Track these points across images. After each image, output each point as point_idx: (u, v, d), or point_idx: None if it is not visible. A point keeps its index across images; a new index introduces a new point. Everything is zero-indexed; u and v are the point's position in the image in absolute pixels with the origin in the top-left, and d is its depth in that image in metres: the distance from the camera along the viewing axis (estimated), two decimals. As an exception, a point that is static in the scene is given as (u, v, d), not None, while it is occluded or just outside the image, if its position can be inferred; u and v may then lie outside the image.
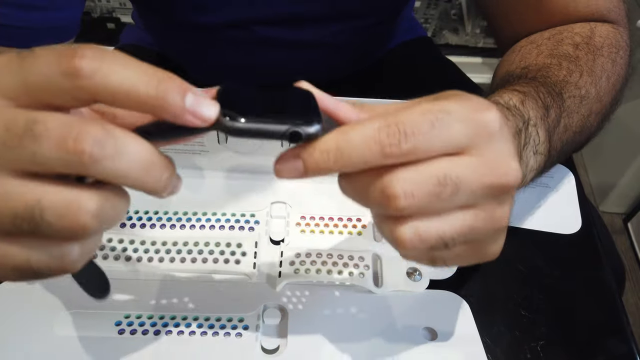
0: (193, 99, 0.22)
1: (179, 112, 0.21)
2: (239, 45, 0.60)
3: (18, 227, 0.21)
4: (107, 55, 0.21)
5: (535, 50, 0.46)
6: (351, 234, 0.42)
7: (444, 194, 0.24)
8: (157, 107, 0.21)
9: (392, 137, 0.23)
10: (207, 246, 0.40)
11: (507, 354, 0.37)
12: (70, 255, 0.23)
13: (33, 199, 0.21)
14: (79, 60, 0.20)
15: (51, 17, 0.47)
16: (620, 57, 0.46)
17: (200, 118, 0.22)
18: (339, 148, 0.23)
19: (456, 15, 1.63)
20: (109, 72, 0.20)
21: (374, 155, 0.23)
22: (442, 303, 0.39)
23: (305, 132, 0.23)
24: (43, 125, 0.20)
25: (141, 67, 0.21)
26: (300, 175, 0.24)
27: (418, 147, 0.23)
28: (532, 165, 0.35)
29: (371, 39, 0.66)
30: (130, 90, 0.21)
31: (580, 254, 0.44)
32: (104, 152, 0.20)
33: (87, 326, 0.36)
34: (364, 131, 0.23)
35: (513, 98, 0.36)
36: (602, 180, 1.42)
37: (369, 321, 0.37)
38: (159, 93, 0.21)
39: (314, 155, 0.23)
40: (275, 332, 0.37)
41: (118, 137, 0.21)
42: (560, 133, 0.39)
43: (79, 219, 0.21)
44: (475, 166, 0.24)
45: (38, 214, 0.21)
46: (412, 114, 0.23)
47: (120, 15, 1.50)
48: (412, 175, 0.24)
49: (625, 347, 0.38)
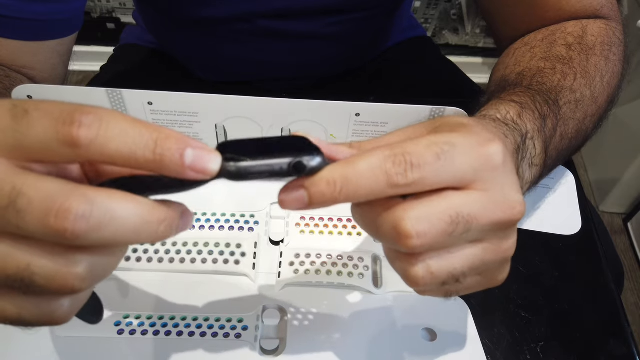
0: (193, 155, 0.21)
1: (180, 170, 0.21)
2: (240, 38, 0.60)
3: (10, 286, 0.21)
4: (105, 121, 0.20)
5: (529, 53, 0.46)
6: (351, 234, 0.42)
7: (456, 232, 0.24)
8: (157, 169, 0.21)
9: (398, 166, 0.23)
10: (206, 246, 0.40)
11: (507, 355, 0.37)
12: (61, 309, 0.23)
13: (23, 263, 0.21)
14: (77, 130, 0.20)
15: (55, 10, 0.47)
16: (613, 54, 0.46)
17: (203, 172, 0.21)
18: (345, 178, 0.23)
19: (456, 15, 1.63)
20: (106, 140, 0.20)
21: (380, 185, 0.23)
22: (442, 304, 0.39)
23: (309, 163, 0.23)
24: (26, 198, 0.20)
25: (139, 129, 0.21)
26: (305, 207, 0.24)
27: (425, 178, 0.23)
28: (527, 178, 0.36)
29: (372, 32, 0.66)
30: (128, 156, 0.21)
31: (580, 255, 0.44)
32: (88, 225, 0.20)
33: (87, 326, 0.35)
34: (370, 161, 0.23)
35: (510, 111, 0.36)
36: (602, 180, 1.42)
37: (369, 322, 0.37)
38: (156, 156, 0.21)
39: (320, 186, 0.23)
40: (275, 333, 0.37)
41: (104, 206, 0.20)
42: (557, 142, 0.40)
43: (67, 283, 0.21)
44: (484, 203, 0.24)
45: (28, 278, 0.21)
46: (418, 145, 0.23)
47: (120, 15, 1.50)
48: (425, 213, 0.24)
49: (625, 348, 0.38)
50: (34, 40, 0.47)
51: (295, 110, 0.42)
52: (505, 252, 0.27)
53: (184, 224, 0.24)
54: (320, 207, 0.24)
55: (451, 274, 0.26)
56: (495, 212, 0.25)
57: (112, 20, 1.51)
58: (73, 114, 0.20)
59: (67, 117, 0.20)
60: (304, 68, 0.66)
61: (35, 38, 0.47)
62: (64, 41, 0.50)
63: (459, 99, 0.44)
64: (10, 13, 0.44)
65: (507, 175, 0.25)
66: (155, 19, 0.66)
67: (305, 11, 0.57)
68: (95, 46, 1.51)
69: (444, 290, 0.27)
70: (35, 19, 0.46)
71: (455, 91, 0.69)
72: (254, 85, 0.68)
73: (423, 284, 0.25)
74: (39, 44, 0.48)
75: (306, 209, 0.24)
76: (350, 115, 0.42)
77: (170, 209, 0.23)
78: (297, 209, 0.24)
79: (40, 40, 0.47)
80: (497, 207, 0.25)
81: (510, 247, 0.27)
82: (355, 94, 0.42)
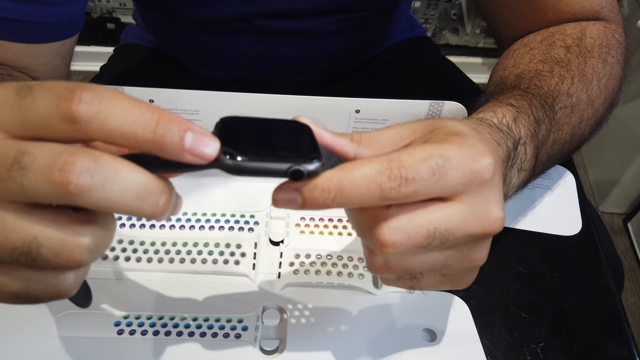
0: (192, 138, 0.21)
1: (179, 152, 0.21)
2: (239, 37, 0.60)
3: (16, 260, 0.21)
4: (105, 98, 0.20)
5: (528, 54, 0.46)
6: (351, 235, 0.42)
7: (431, 245, 0.25)
8: (156, 149, 0.21)
9: (392, 181, 0.23)
10: (206, 247, 0.40)
11: (507, 356, 0.37)
12: (66, 282, 0.23)
13: (30, 235, 0.21)
14: (76, 106, 0.20)
15: (56, 13, 0.47)
16: (611, 57, 0.46)
17: (200, 156, 0.22)
18: (340, 187, 0.23)
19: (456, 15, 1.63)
20: (106, 116, 0.20)
21: (372, 197, 0.24)
22: (442, 304, 0.39)
23: (306, 170, 0.23)
24: (31, 156, 0.20)
25: (140, 109, 0.21)
26: (297, 208, 0.24)
27: (416, 192, 0.24)
28: (514, 182, 0.36)
29: (370, 33, 0.66)
30: (129, 134, 0.21)
31: (581, 256, 0.44)
32: (92, 181, 0.20)
33: (86, 327, 0.35)
34: (366, 172, 0.23)
35: (507, 115, 0.36)
36: (602, 181, 1.42)
37: (368, 322, 0.37)
38: (156, 136, 0.21)
39: (314, 192, 0.23)
40: (275, 333, 0.37)
41: (108, 164, 0.21)
42: (548, 148, 0.40)
43: (75, 255, 0.22)
44: (464, 216, 0.25)
45: (35, 250, 0.21)
46: (414, 158, 0.24)
47: (120, 15, 1.50)
48: (403, 225, 0.24)
49: (625, 349, 0.38)
50: (35, 43, 0.47)
51: (295, 106, 0.42)
52: (473, 262, 0.27)
53: (177, 204, 0.24)
54: (312, 210, 0.24)
55: (407, 271, 0.27)
56: (473, 226, 0.25)
57: (112, 20, 1.51)
58: (74, 90, 0.20)
59: (68, 94, 0.20)
60: (304, 67, 0.66)
61: (37, 40, 0.47)
62: (66, 43, 0.50)
63: (459, 99, 0.44)
64: (12, 16, 0.44)
65: (493, 190, 0.26)
66: (154, 19, 0.66)
67: (304, 12, 0.58)
68: (95, 46, 1.51)
69: (402, 282, 0.28)
70: (37, 22, 0.46)
71: (455, 91, 0.69)
72: (254, 84, 0.68)
73: (379, 272, 0.27)
74: (40, 46, 0.48)
75: (297, 210, 0.24)
76: (350, 112, 0.42)
77: (166, 184, 0.23)
78: (290, 209, 0.24)
79: (42, 43, 0.47)
80: (477, 221, 0.25)
81: (480, 258, 0.28)
82: (355, 94, 0.42)
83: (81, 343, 0.35)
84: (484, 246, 0.27)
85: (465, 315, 0.38)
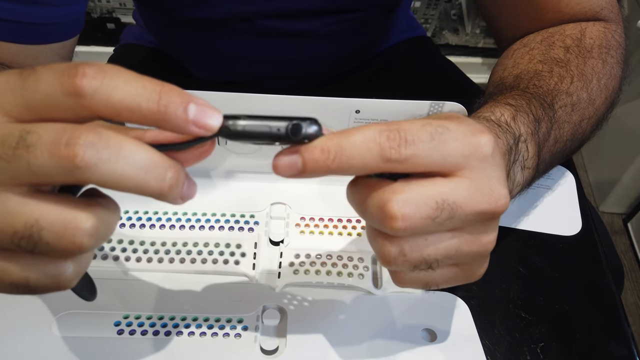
0: (196, 110, 0.22)
1: (183, 123, 0.21)
2: (239, 38, 0.61)
3: (17, 245, 0.21)
4: (108, 73, 0.21)
5: (528, 55, 0.46)
6: (351, 235, 0.42)
7: (439, 218, 0.25)
8: (160, 121, 0.21)
9: (392, 141, 0.23)
10: (206, 247, 0.40)
11: (507, 356, 0.37)
12: (66, 273, 0.23)
13: (32, 218, 0.21)
14: (80, 80, 0.20)
15: (57, 14, 0.47)
16: (611, 57, 0.46)
17: (204, 127, 0.22)
18: (339, 146, 0.23)
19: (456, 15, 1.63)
20: (110, 89, 0.21)
21: (373, 157, 0.23)
22: (442, 304, 0.39)
23: (306, 129, 0.23)
24: (36, 134, 0.20)
25: (142, 82, 0.21)
26: (298, 173, 0.24)
27: (417, 155, 0.24)
28: (519, 180, 0.36)
29: (370, 33, 0.66)
30: (133, 107, 0.21)
31: (581, 256, 0.44)
32: (98, 154, 0.20)
33: (86, 327, 0.36)
34: (365, 133, 0.24)
35: (505, 113, 0.36)
36: (602, 181, 1.42)
37: (368, 322, 0.37)
38: (160, 107, 0.21)
39: (314, 153, 0.23)
40: (275, 333, 0.37)
41: (113, 139, 0.21)
42: (550, 146, 0.40)
43: (76, 239, 0.22)
44: (470, 191, 0.25)
45: (36, 233, 0.21)
46: (413, 124, 0.24)
47: (120, 15, 1.50)
48: (412, 196, 0.24)
49: (625, 349, 0.38)
50: (36, 44, 0.47)
51: (295, 107, 0.42)
52: (483, 245, 0.27)
53: (190, 187, 0.24)
54: (313, 175, 0.24)
55: (424, 259, 0.26)
56: (480, 202, 0.25)
57: (112, 20, 1.51)
58: (77, 66, 0.20)
59: (71, 70, 0.20)
60: (304, 67, 0.66)
61: (36, 41, 0.47)
62: (66, 43, 0.50)
63: (459, 99, 0.44)
64: (12, 17, 0.44)
65: (495, 167, 0.26)
66: (154, 19, 0.66)
67: (304, 11, 0.58)
68: (95, 46, 1.51)
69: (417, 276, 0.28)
70: (37, 23, 0.46)
71: (455, 91, 0.69)
72: (253, 84, 0.68)
73: (394, 264, 0.26)
74: (41, 47, 0.48)
75: (299, 176, 0.24)
76: (350, 112, 0.42)
77: (173, 161, 0.23)
78: (290, 175, 0.24)
79: (41, 44, 0.47)
80: (482, 197, 0.25)
81: (489, 241, 0.27)
82: (355, 94, 0.42)
83: (81, 343, 0.35)
84: (491, 227, 0.27)
85: (466, 315, 0.38)
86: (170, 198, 0.23)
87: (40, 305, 0.36)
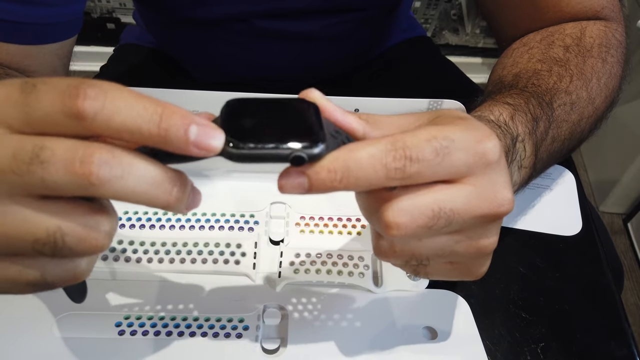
0: (197, 131, 0.21)
1: (184, 145, 0.21)
2: (238, 39, 0.60)
3: (38, 251, 0.22)
4: (110, 93, 0.21)
5: (527, 54, 0.46)
6: (351, 234, 0.42)
7: (436, 226, 0.25)
8: (161, 143, 0.22)
9: (397, 161, 0.23)
10: (206, 247, 0.40)
11: (507, 356, 0.37)
12: (81, 266, 0.24)
13: (53, 226, 0.22)
14: (82, 102, 0.20)
15: (55, 14, 0.47)
16: (611, 56, 0.46)
17: (206, 149, 0.22)
18: (346, 168, 0.23)
19: (456, 15, 1.63)
20: (111, 112, 0.21)
21: (379, 178, 0.24)
22: (442, 302, 0.39)
23: (308, 154, 0.23)
24: (50, 150, 0.20)
25: (144, 103, 0.21)
26: (304, 192, 0.24)
27: (421, 172, 0.24)
28: (515, 180, 0.36)
29: (370, 33, 0.66)
30: (133, 129, 0.21)
31: (581, 256, 0.44)
32: (111, 172, 0.21)
33: (87, 327, 0.36)
34: (371, 152, 0.24)
35: (504, 113, 0.36)
36: (602, 181, 1.42)
37: (369, 321, 0.37)
38: (161, 131, 0.21)
39: (321, 174, 0.23)
40: (276, 333, 0.37)
41: (124, 157, 0.21)
42: (548, 145, 0.40)
43: (98, 242, 0.23)
44: (470, 198, 0.25)
45: (60, 240, 0.22)
46: (418, 138, 0.24)
47: (120, 15, 1.50)
48: (408, 206, 0.24)
49: (625, 349, 0.38)
50: (34, 44, 0.47)
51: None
52: (482, 248, 0.27)
53: (194, 197, 0.25)
54: (320, 193, 0.24)
55: (414, 256, 0.27)
56: (480, 207, 0.25)
57: (112, 20, 1.51)
58: (78, 86, 0.20)
59: (73, 90, 0.20)
60: (303, 69, 0.66)
61: (34, 42, 0.47)
62: (64, 44, 0.50)
63: (459, 99, 0.44)
64: (10, 17, 0.44)
65: (500, 172, 0.26)
66: (154, 19, 0.66)
67: (302, 11, 0.57)
68: (95, 46, 1.51)
69: (409, 267, 0.28)
70: (35, 23, 0.46)
71: (455, 91, 0.69)
72: (252, 86, 0.68)
73: (384, 256, 0.27)
74: (39, 47, 0.47)
75: (305, 194, 0.24)
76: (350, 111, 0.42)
77: (179, 174, 0.23)
78: (296, 193, 0.24)
79: (40, 44, 0.47)
80: (484, 202, 0.25)
81: (489, 244, 0.27)
82: (355, 94, 0.42)
83: (82, 344, 0.35)
84: (492, 231, 0.27)
85: (466, 312, 0.38)
86: (177, 209, 0.24)
87: (41, 307, 0.36)
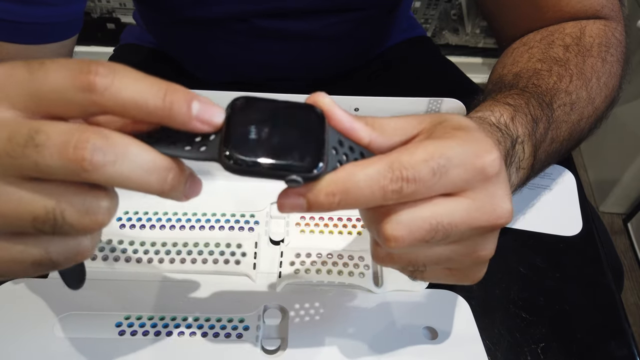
0: (199, 106, 0.22)
1: (187, 119, 0.22)
2: (237, 38, 0.60)
3: (38, 229, 0.22)
4: (118, 71, 0.21)
5: (527, 53, 0.46)
6: (351, 234, 0.42)
7: (434, 239, 0.25)
8: (165, 117, 0.22)
9: (394, 183, 0.24)
10: (207, 247, 0.40)
11: (507, 356, 0.37)
12: (84, 243, 0.24)
13: (51, 203, 0.22)
14: (93, 77, 0.21)
15: (55, 13, 0.47)
16: (610, 55, 0.46)
17: (207, 123, 0.23)
18: (344, 191, 0.24)
19: (456, 15, 1.63)
20: (120, 87, 0.21)
21: (376, 199, 0.24)
22: (442, 302, 0.39)
23: (304, 177, 0.23)
24: (45, 134, 0.21)
25: (149, 81, 0.22)
26: (302, 212, 0.25)
27: (418, 192, 0.24)
28: (513, 181, 0.36)
29: (370, 33, 0.66)
30: (140, 103, 0.22)
31: (581, 256, 0.44)
32: (104, 158, 0.21)
33: (88, 327, 0.36)
34: (369, 174, 0.24)
35: (504, 114, 0.36)
36: (602, 181, 1.42)
37: (369, 321, 0.37)
38: (166, 104, 0.22)
39: (319, 197, 0.24)
40: (276, 333, 0.37)
41: (118, 142, 0.21)
42: (547, 146, 0.40)
43: (98, 217, 0.23)
44: (469, 211, 0.25)
45: (60, 217, 0.22)
46: (415, 159, 0.24)
47: (120, 15, 1.50)
48: (406, 219, 0.25)
49: (625, 349, 0.38)
50: (34, 44, 0.47)
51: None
52: (479, 257, 0.27)
53: (194, 185, 0.25)
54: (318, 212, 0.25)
55: (411, 263, 0.27)
56: (479, 220, 0.25)
57: (112, 20, 1.51)
58: (90, 64, 0.21)
59: (84, 67, 0.21)
60: (303, 69, 0.66)
61: (34, 41, 0.47)
62: (65, 44, 0.50)
63: (459, 99, 0.44)
64: (11, 17, 0.44)
65: (499, 184, 0.26)
66: (154, 19, 0.66)
67: (302, 11, 0.57)
68: (95, 46, 1.51)
69: (406, 271, 0.29)
70: (36, 22, 0.46)
71: (455, 91, 0.68)
72: (252, 85, 0.68)
73: (381, 262, 0.28)
74: (39, 47, 0.47)
75: (305, 212, 0.25)
76: (349, 110, 0.42)
77: (176, 162, 0.23)
78: (295, 212, 0.25)
79: (40, 44, 0.47)
80: (483, 215, 0.25)
81: (486, 253, 0.28)
82: (355, 94, 0.42)
83: (83, 344, 0.35)
84: (489, 240, 0.27)
85: (466, 312, 0.38)
86: (173, 197, 0.24)
87: (41, 307, 0.36)
